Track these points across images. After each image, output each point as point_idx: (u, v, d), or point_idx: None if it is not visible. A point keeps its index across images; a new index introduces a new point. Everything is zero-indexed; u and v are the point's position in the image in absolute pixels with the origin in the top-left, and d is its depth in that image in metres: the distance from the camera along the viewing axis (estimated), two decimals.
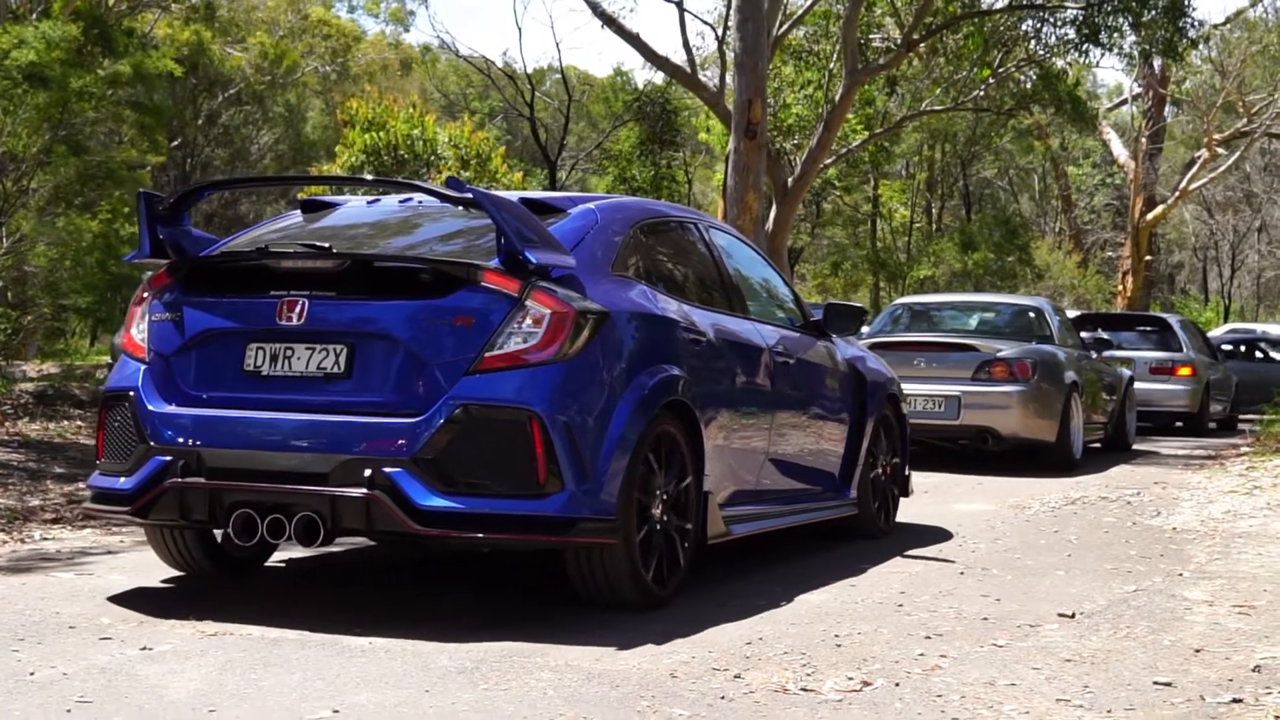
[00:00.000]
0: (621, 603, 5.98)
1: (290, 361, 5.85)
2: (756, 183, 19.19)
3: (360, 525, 5.61)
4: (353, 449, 5.61)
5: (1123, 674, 5.03)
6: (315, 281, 5.89)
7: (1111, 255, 49.52)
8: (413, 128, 20.71)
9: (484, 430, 5.60)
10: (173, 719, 4.23)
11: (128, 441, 6.06)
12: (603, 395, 5.83)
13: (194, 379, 6.02)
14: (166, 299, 6.15)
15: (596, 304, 5.90)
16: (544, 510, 5.60)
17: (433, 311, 5.71)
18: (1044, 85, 25.94)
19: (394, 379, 5.71)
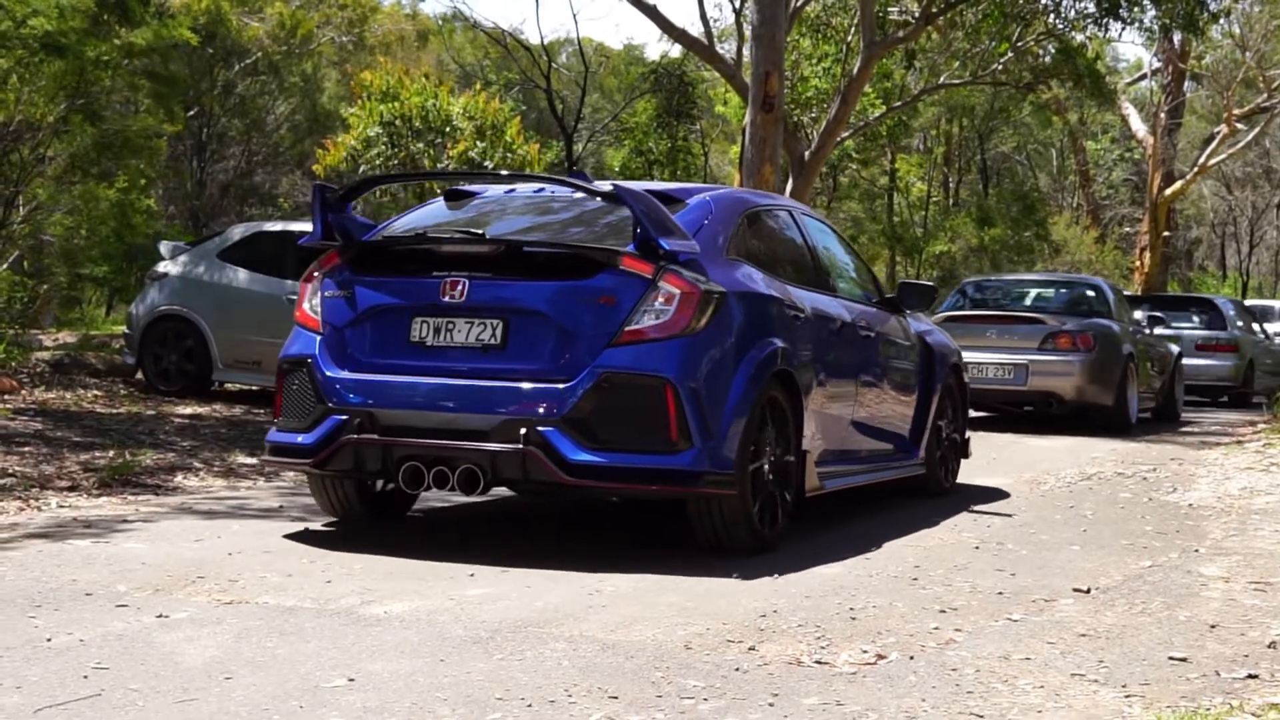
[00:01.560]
0: (735, 546, 6.79)
1: (452, 334, 6.70)
2: (773, 156, 19.14)
3: (517, 476, 6.46)
4: (509, 410, 6.45)
5: (1138, 649, 5.03)
6: (473, 263, 6.75)
7: (1129, 231, 49.34)
8: (427, 99, 20.66)
9: (624, 395, 6.44)
10: (189, 686, 4.24)
11: (306, 403, 6.91)
12: (723, 365, 6.66)
13: (365, 348, 6.86)
14: (338, 278, 7.04)
15: (717, 285, 6.73)
16: (676, 465, 6.45)
17: (578, 291, 6.56)
18: (1063, 60, 25.82)
19: (545, 350, 6.55)
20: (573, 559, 6.56)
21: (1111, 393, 14.91)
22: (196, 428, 11.39)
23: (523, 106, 35.48)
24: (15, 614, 5.13)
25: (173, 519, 7.50)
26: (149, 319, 13.91)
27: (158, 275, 14.20)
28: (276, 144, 41.07)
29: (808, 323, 7.55)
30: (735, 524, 6.74)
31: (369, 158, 20.65)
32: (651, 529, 7.61)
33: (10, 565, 6.05)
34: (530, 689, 4.30)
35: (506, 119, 21.74)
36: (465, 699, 4.18)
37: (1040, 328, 15.03)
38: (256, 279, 13.64)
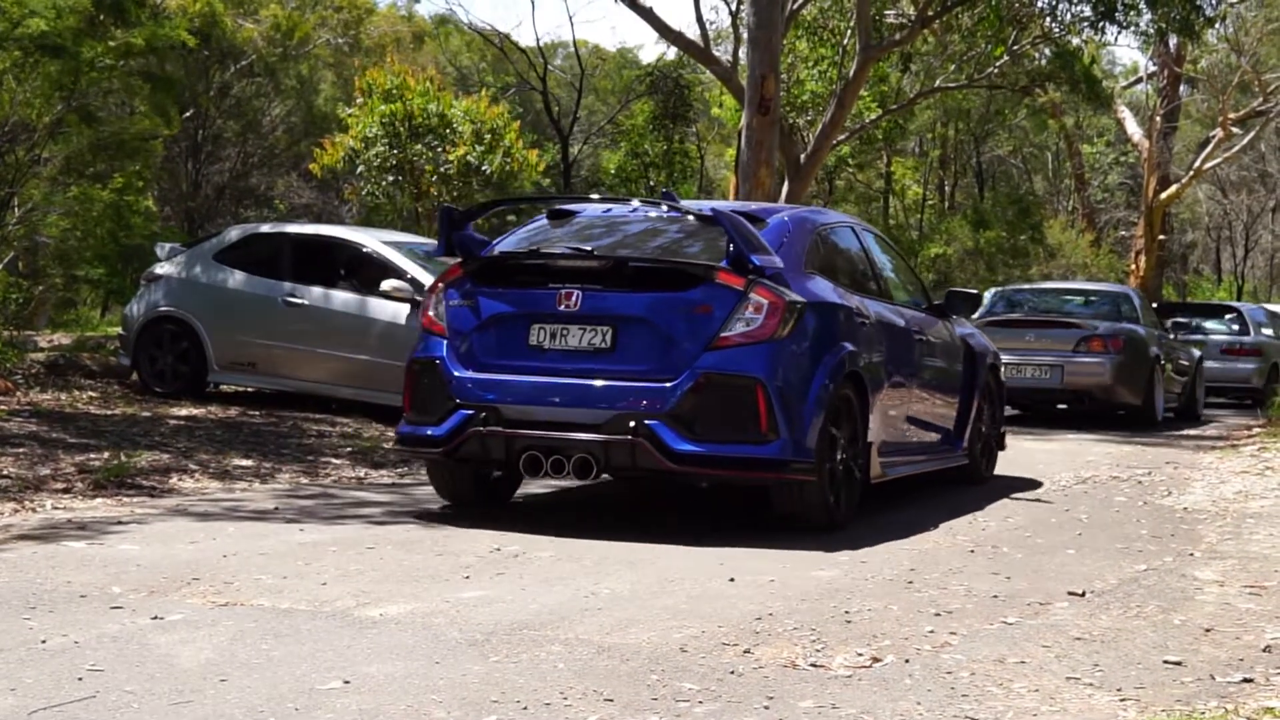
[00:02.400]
0: (812, 525, 7.66)
1: (566, 338, 7.59)
2: (769, 158, 19.15)
3: (626, 464, 7.37)
4: (619, 406, 7.34)
5: (1133, 653, 5.03)
6: (583, 276, 7.63)
7: (1125, 234, 49.37)
8: (429, 101, 20.65)
9: (721, 393, 7.35)
10: (183, 688, 4.24)
11: (435, 399, 7.75)
12: (803, 366, 7.56)
13: (488, 351, 7.73)
14: (461, 289, 7.90)
15: (798, 296, 7.62)
16: (766, 454, 7.36)
17: (678, 301, 7.47)
18: (1059, 63, 25.84)
19: (649, 353, 7.44)
20: (569, 562, 6.57)
21: (1140, 392, 16.20)
22: (192, 429, 11.38)
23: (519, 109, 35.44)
24: (9, 615, 5.12)
25: (168, 521, 7.50)
26: (144, 320, 13.89)
27: (153, 277, 14.17)
28: (272, 146, 41.05)
29: (872, 328, 8.45)
30: (813, 506, 7.63)
31: (367, 158, 20.65)
32: (648, 527, 7.60)
33: (4, 567, 6.04)
34: (526, 691, 4.31)
35: (507, 123, 21.73)
36: (460, 701, 4.18)
37: (1074, 332, 16.31)
38: (252, 281, 13.63)
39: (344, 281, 13.33)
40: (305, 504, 8.25)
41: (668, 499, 9.22)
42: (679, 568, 6.46)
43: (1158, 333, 17.31)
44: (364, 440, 11.48)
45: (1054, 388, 16.14)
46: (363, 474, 9.88)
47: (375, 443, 11.37)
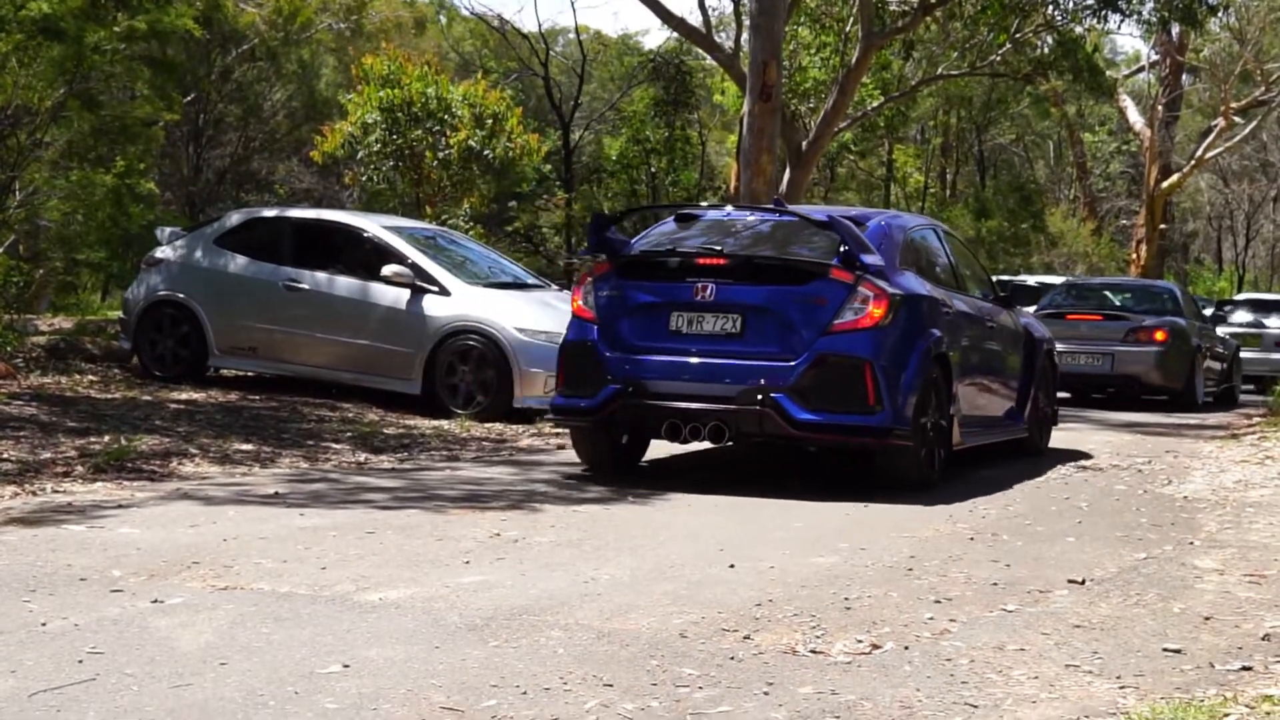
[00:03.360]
0: (907, 484, 8.92)
1: (701, 324, 8.87)
2: (771, 145, 19.13)
3: (754, 431, 8.72)
4: (748, 381, 8.62)
5: (1132, 641, 5.03)
6: (716, 272, 8.93)
7: (1126, 223, 49.31)
8: (427, 85, 20.61)
9: (835, 371, 8.62)
10: (183, 671, 4.25)
11: (587, 375, 9.04)
12: (902, 349, 8.81)
13: (634, 335, 9.00)
14: (609, 282, 9.18)
15: (897, 289, 8.86)
16: (873, 423, 8.63)
17: (797, 294, 8.75)
18: (1062, 52, 25.79)
19: (773, 337, 8.72)
20: (569, 547, 6.57)
21: (1182, 378, 17.84)
22: (192, 414, 11.39)
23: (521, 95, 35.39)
24: (9, 598, 5.13)
25: (168, 504, 7.50)
26: (145, 304, 13.88)
27: (154, 261, 14.17)
28: (273, 130, 41.00)
29: (953, 317, 9.72)
30: (910, 468, 8.96)
31: (367, 143, 20.61)
32: (646, 521, 7.61)
33: (4, 550, 6.05)
34: (525, 676, 4.31)
35: (508, 108, 21.67)
36: (460, 686, 4.18)
37: (1124, 324, 18.06)
38: (253, 265, 13.62)
39: (345, 266, 13.32)
40: (305, 488, 8.25)
41: (781, 463, 10.51)
42: (679, 554, 6.47)
43: (1199, 324, 18.92)
44: (364, 425, 11.48)
45: (1105, 374, 17.77)
46: (363, 459, 9.88)
47: (375, 428, 11.37)
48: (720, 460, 10.60)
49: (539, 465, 9.89)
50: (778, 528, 7.37)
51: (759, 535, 7.11)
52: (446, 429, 11.72)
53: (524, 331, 12.49)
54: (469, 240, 16.11)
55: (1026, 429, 11.35)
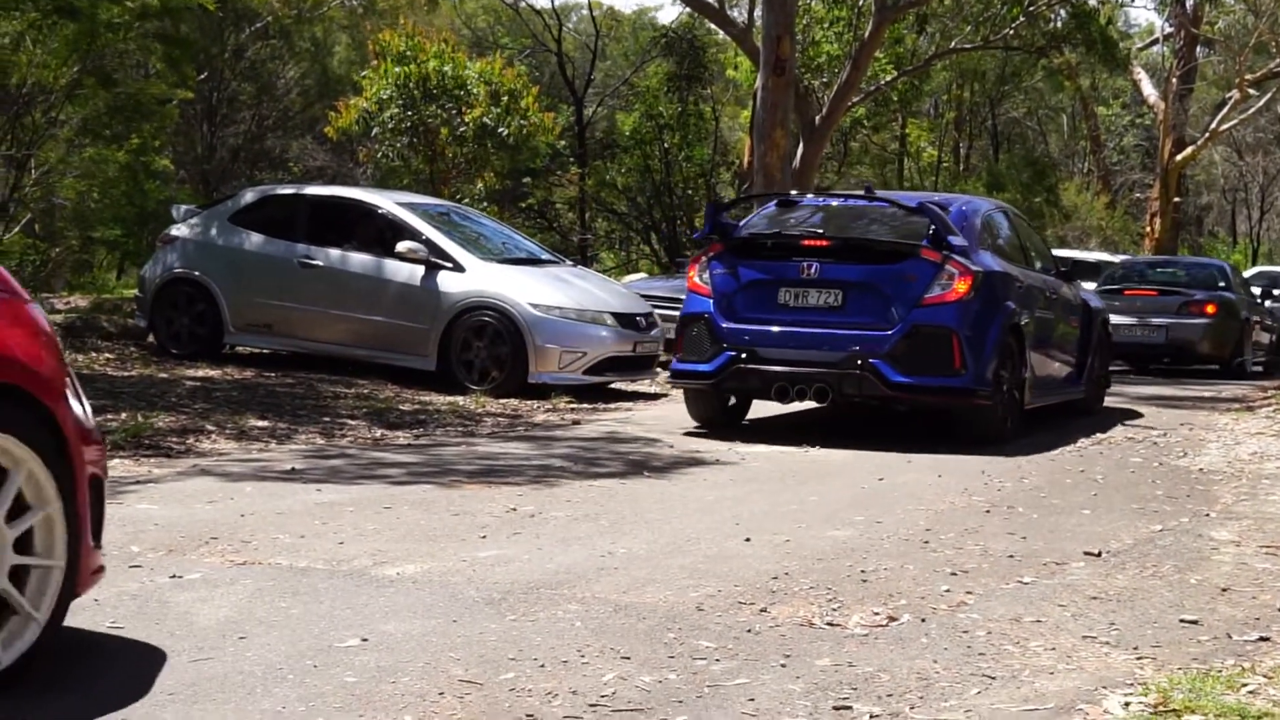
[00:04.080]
0: (986, 439, 10.06)
1: (806, 298, 10.12)
2: (784, 120, 19.10)
3: (854, 392, 9.96)
4: (849, 349, 9.86)
5: (1149, 612, 5.04)
6: (819, 252, 10.13)
7: (1140, 196, 49.14)
8: (444, 63, 20.57)
9: (926, 339, 9.83)
10: (204, 645, 4.27)
11: (704, 343, 10.32)
12: (983, 320, 9.98)
13: (746, 307, 10.26)
14: (724, 261, 10.42)
15: (979, 266, 10.06)
16: (958, 384, 9.89)
17: (891, 271, 9.97)
18: (1075, 24, 25.70)
19: (871, 309, 9.93)
20: (586, 522, 6.59)
21: (1230, 347, 19.41)
22: (208, 391, 11.41)
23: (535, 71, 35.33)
24: None
25: (185, 480, 7.53)
26: (161, 282, 13.91)
27: (169, 238, 14.19)
28: (287, 108, 40.95)
29: (1025, 290, 10.84)
30: (990, 423, 10.15)
31: (382, 120, 20.59)
32: (661, 496, 7.62)
33: None
34: (543, 649, 4.33)
35: (524, 86, 21.62)
36: (478, 659, 4.20)
37: (1177, 298, 19.51)
38: (268, 242, 13.63)
39: (359, 243, 13.33)
40: (322, 464, 8.27)
41: (870, 421, 11.52)
42: (695, 528, 6.48)
43: (1248, 299, 20.67)
44: (380, 401, 11.50)
45: (1160, 344, 19.30)
46: (379, 435, 9.90)
47: (390, 404, 11.39)
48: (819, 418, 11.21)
49: (554, 440, 9.91)
50: (793, 501, 7.38)
51: (774, 509, 7.13)
52: (462, 405, 11.74)
53: (538, 307, 12.50)
54: (483, 216, 16.11)
55: (1084, 391, 12.60)
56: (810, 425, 11.15)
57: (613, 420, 11.32)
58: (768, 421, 11.29)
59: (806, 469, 8.72)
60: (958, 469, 8.83)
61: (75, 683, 3.90)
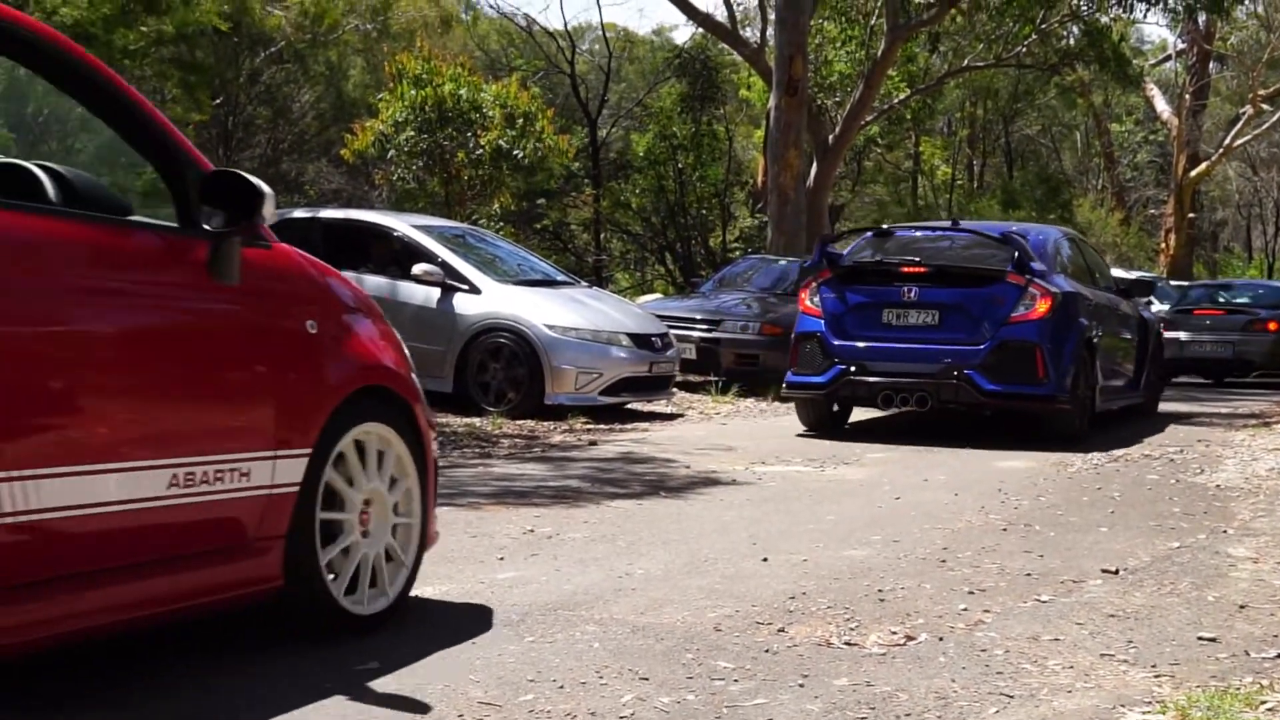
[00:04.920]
0: (1067, 436, 11.57)
1: (907, 318, 11.56)
2: (798, 140, 19.15)
3: (951, 398, 11.38)
4: (945, 361, 11.32)
5: (1167, 629, 5.04)
6: (916, 277, 11.58)
7: (1154, 213, 49.15)
8: (459, 86, 20.64)
9: (1013, 352, 11.27)
10: None
11: (817, 358, 11.76)
12: (1061, 335, 11.44)
13: (854, 326, 11.73)
14: (832, 286, 11.87)
15: (1057, 288, 11.48)
16: (1041, 391, 11.33)
17: (982, 294, 11.42)
18: (1088, 42, 25.73)
19: (964, 327, 11.39)
20: (603, 543, 6.61)
21: None
22: None
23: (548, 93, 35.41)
24: None
25: None
26: None
27: None
28: (302, 132, 41.13)
29: (1094, 308, 12.35)
30: (1068, 425, 11.63)
31: (398, 143, 20.65)
32: (678, 516, 7.64)
33: None
34: (562, 671, 4.34)
35: (539, 109, 21.68)
36: (497, 680, 4.22)
37: (1242, 317, 21.51)
38: None
39: (376, 265, 13.37)
40: None
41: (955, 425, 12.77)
42: (712, 548, 6.49)
43: None
44: None
45: (1228, 359, 21.14)
46: None
47: None
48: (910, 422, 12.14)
49: (571, 461, 9.93)
50: (809, 521, 7.39)
51: (791, 528, 7.14)
52: (478, 426, 11.77)
53: (554, 328, 12.54)
54: (498, 238, 16.16)
55: (1142, 396, 14.29)
56: (826, 448, 11.16)
57: (629, 441, 11.34)
58: (784, 446, 11.31)
59: (823, 489, 8.73)
60: (975, 488, 8.84)
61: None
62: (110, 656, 4.32)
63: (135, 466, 3.94)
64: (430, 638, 4.68)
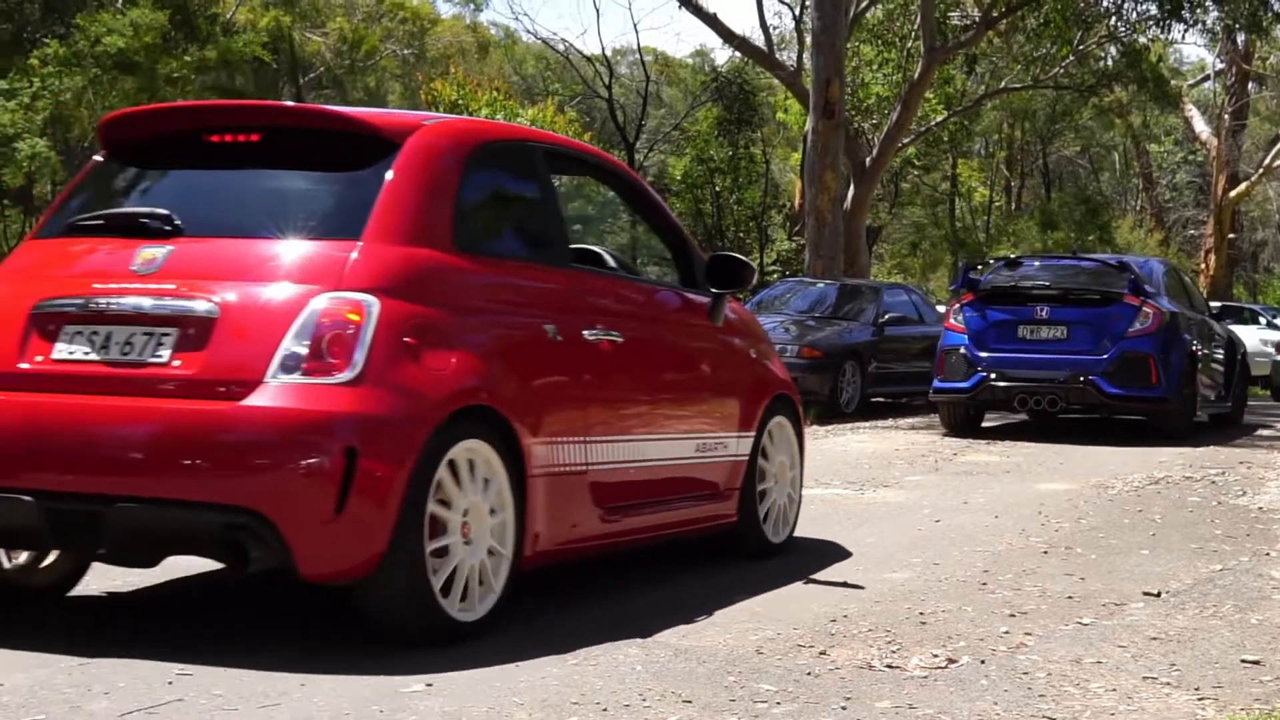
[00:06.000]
0: (1176, 435, 13.85)
1: (1039, 333, 13.83)
2: (835, 162, 19.16)
3: (1078, 401, 13.68)
4: (1072, 369, 13.51)
5: (1210, 652, 5.03)
6: (1048, 299, 13.86)
7: (1194, 234, 48.95)
8: (495, 111, 20.74)
9: (1131, 362, 13.45)
10: (271, 690, 4.30)
11: (961, 367, 13.97)
12: (1171, 348, 13.61)
13: (993, 340, 13.95)
14: (973, 307, 14.14)
15: (1166, 308, 13.73)
16: (1155, 395, 13.57)
17: (1104, 312, 13.67)
18: (1126, 63, 25.68)
19: (1089, 340, 13.58)
20: (643, 568, 6.62)
21: None
22: None
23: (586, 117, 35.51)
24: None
25: None
26: None
27: None
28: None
29: (1193, 324, 14.60)
30: (1178, 425, 13.98)
31: None
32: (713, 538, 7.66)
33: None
34: (605, 693, 4.36)
35: (576, 133, 21.76)
36: (541, 703, 4.24)
37: None
38: None
39: None
40: None
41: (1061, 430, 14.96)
42: (752, 570, 6.50)
43: None
44: None
45: None
46: None
47: None
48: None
49: None
50: (849, 543, 7.39)
51: (830, 551, 7.14)
52: None
53: None
54: None
55: (1229, 406, 16.21)
56: (865, 471, 11.16)
57: None
58: (821, 467, 11.30)
59: (863, 511, 8.73)
60: (1014, 510, 8.83)
61: None
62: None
63: (681, 437, 6.38)
64: (473, 658, 4.71)
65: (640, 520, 6.02)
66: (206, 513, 4.61)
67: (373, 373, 4.68)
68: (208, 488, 4.59)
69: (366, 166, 5.15)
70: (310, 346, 4.66)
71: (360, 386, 4.65)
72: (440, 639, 4.87)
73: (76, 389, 4.79)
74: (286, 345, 4.66)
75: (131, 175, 5.59)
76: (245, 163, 5.39)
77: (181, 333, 4.75)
